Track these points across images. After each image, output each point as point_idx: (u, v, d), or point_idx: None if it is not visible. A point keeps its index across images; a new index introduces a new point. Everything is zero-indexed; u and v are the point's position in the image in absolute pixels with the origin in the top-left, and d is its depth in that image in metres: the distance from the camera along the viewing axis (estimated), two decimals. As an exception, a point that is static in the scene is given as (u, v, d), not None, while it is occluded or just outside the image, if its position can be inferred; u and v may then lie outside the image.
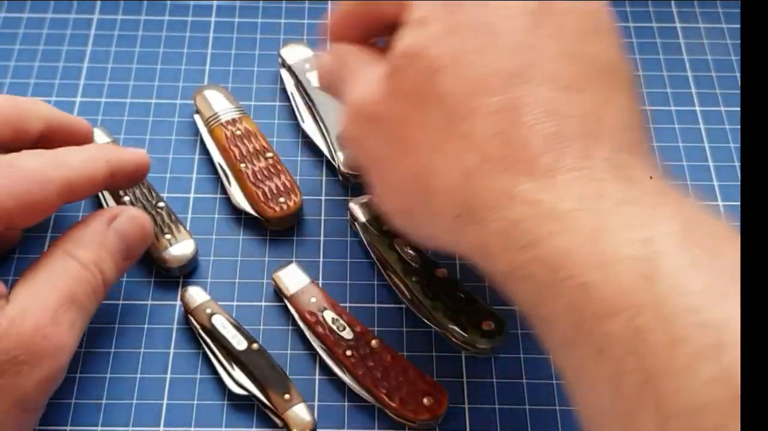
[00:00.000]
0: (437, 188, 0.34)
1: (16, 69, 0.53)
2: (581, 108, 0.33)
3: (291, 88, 0.51)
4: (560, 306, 0.30)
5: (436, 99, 0.34)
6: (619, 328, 0.28)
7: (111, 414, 0.41)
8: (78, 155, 0.40)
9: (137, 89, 0.52)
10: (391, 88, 0.35)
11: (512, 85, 0.33)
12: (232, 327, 0.42)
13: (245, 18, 0.56)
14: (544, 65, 0.33)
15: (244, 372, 0.41)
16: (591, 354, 0.29)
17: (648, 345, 0.27)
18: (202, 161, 0.49)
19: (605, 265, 0.29)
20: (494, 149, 0.32)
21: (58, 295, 0.37)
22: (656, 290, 0.27)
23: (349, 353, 0.41)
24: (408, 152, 0.35)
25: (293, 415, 0.40)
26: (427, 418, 0.40)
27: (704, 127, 0.51)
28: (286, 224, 0.47)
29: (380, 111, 0.36)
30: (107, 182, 0.41)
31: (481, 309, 0.42)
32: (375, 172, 0.38)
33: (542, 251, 0.30)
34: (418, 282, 0.43)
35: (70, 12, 0.56)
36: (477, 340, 0.42)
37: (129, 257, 0.41)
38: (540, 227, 0.30)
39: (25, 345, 0.35)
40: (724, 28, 0.56)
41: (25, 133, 0.42)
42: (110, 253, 0.39)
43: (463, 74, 0.33)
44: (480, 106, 0.33)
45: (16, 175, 0.37)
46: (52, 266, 0.38)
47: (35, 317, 0.35)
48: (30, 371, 0.35)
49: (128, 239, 0.40)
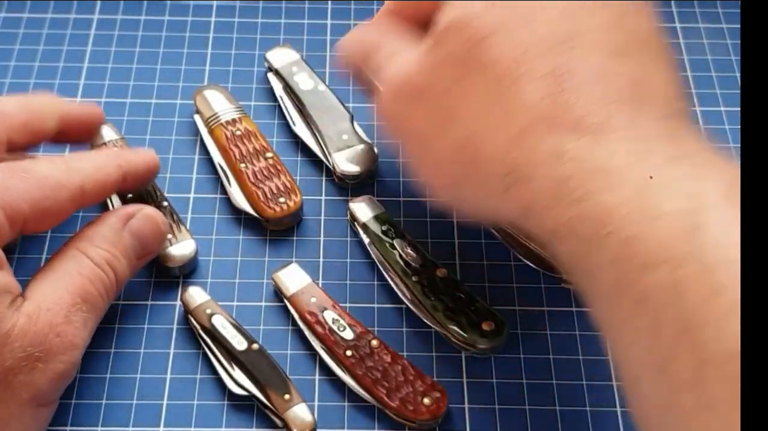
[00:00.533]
0: (485, 154, 0.34)
1: (16, 69, 0.53)
2: (629, 73, 0.33)
3: (279, 92, 0.51)
4: (604, 260, 0.30)
5: (482, 67, 0.34)
6: (660, 279, 0.28)
7: (111, 414, 0.41)
8: (90, 162, 0.41)
9: (137, 89, 0.52)
10: (436, 59, 0.36)
11: (560, 51, 0.33)
12: (232, 327, 0.42)
13: (245, 18, 0.56)
14: (590, 32, 0.34)
15: (244, 372, 0.41)
16: (631, 305, 0.29)
17: (688, 295, 0.27)
18: (202, 161, 0.49)
19: (651, 218, 0.29)
20: (543, 110, 0.33)
21: (71, 293, 0.37)
22: (699, 242, 0.28)
23: (349, 353, 0.41)
24: (454, 121, 0.35)
25: (293, 415, 0.40)
26: (427, 418, 0.40)
27: (704, 127, 0.51)
28: (286, 224, 0.47)
29: (424, 83, 0.36)
30: (119, 186, 0.42)
31: (481, 309, 0.42)
32: (418, 147, 0.38)
33: (589, 206, 0.31)
34: (418, 282, 0.43)
35: (70, 12, 0.56)
36: (477, 340, 0.42)
37: (143, 255, 0.41)
38: (587, 182, 0.31)
39: (40, 343, 0.36)
40: (724, 28, 0.56)
41: (41, 134, 0.43)
42: (124, 251, 0.40)
43: (509, 42, 0.34)
44: (528, 71, 0.33)
45: (30, 181, 0.38)
46: (66, 265, 0.38)
47: (50, 315, 0.36)
48: (44, 368, 0.36)
49: (143, 238, 0.41)
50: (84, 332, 0.38)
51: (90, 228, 0.40)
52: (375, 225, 0.45)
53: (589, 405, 0.41)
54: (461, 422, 0.41)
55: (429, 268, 0.44)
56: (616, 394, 0.42)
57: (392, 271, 0.44)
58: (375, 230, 0.45)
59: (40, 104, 0.43)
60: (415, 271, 0.44)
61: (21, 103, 0.43)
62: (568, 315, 0.44)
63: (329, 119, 0.49)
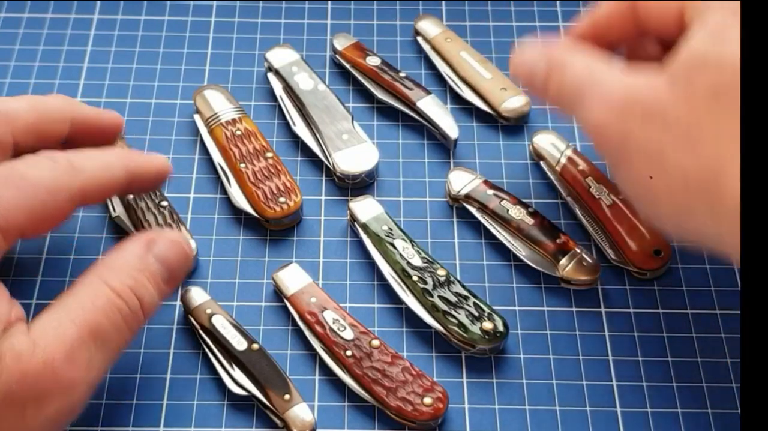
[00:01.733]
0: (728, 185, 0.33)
1: (16, 69, 0.53)
2: None
3: (279, 92, 0.51)
4: None
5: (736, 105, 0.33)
6: None
7: (111, 414, 0.41)
8: (95, 161, 0.39)
9: (137, 89, 0.52)
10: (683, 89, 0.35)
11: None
12: (232, 327, 0.42)
13: (245, 18, 0.56)
14: None
15: (244, 372, 0.41)
16: None
17: None
18: (202, 161, 0.49)
19: None
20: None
21: (78, 328, 0.34)
22: None
23: (349, 353, 0.41)
24: (696, 146, 0.34)
25: (293, 415, 0.40)
26: (427, 418, 0.40)
27: (704, 127, 0.51)
28: (286, 224, 0.47)
29: (665, 107, 0.35)
30: (123, 190, 0.40)
31: (481, 309, 0.42)
32: (644, 167, 0.37)
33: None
34: (418, 282, 0.43)
35: (70, 12, 0.56)
36: (477, 340, 0.42)
37: (171, 282, 0.39)
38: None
39: (29, 383, 0.33)
40: (724, 28, 0.56)
41: (51, 137, 0.41)
42: (151, 277, 0.37)
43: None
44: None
45: (26, 188, 0.36)
46: (80, 293, 0.36)
47: (46, 352, 0.33)
48: (35, 412, 0.33)
49: (169, 264, 0.38)
50: (89, 371, 0.34)
51: (111, 256, 0.37)
52: (375, 225, 0.45)
53: (589, 405, 0.41)
54: (461, 422, 0.41)
55: (429, 268, 0.44)
56: (616, 394, 0.42)
57: (392, 271, 0.44)
58: (375, 230, 0.45)
59: (51, 105, 0.42)
60: (415, 271, 0.44)
61: (31, 104, 0.41)
62: (568, 315, 0.44)
63: (329, 119, 0.49)
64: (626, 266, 0.45)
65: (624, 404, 0.41)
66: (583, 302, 0.45)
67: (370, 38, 0.55)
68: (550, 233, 0.45)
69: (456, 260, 0.46)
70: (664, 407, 0.41)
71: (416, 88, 0.51)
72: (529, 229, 0.45)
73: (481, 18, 0.56)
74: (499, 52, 0.55)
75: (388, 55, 0.54)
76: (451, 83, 0.52)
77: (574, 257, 0.44)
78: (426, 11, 0.56)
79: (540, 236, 0.45)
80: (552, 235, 0.45)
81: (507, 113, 0.50)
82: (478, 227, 0.47)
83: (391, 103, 0.51)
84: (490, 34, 0.55)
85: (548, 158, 0.48)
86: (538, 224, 0.45)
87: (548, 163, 0.48)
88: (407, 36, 0.55)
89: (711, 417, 0.41)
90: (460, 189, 0.47)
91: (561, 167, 0.48)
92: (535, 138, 0.49)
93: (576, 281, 0.44)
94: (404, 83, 0.51)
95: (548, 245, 0.44)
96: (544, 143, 0.49)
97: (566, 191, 0.47)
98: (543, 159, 0.49)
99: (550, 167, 0.48)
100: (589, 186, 0.47)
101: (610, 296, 0.45)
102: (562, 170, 0.48)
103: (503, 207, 0.46)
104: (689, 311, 0.44)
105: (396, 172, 0.49)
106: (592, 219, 0.46)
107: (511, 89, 0.51)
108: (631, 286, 0.45)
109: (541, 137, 0.49)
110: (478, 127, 0.51)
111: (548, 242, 0.45)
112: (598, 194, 0.46)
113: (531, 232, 0.45)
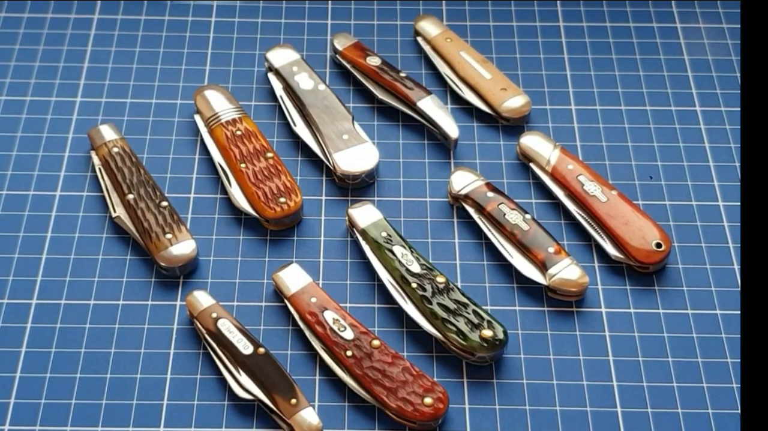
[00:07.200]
0: None
1: (16, 69, 0.53)
2: None
3: (280, 92, 0.51)
4: None
5: None
6: None
7: (111, 414, 0.41)
8: None
9: (137, 89, 0.52)
10: None
11: None
12: (238, 332, 0.42)
13: (245, 18, 0.56)
14: None
15: (250, 376, 0.41)
16: None
17: None
18: (202, 161, 0.49)
19: None
20: None
21: None
22: None
23: (349, 353, 0.41)
24: None
25: (300, 419, 0.39)
26: (427, 418, 0.40)
27: (704, 127, 0.51)
28: (286, 224, 0.47)
29: None
30: None
31: (481, 317, 0.42)
32: None
33: None
34: (417, 289, 0.43)
35: (70, 12, 0.56)
36: (476, 348, 0.41)
37: None
38: None
39: None
40: (724, 28, 0.56)
41: None
42: None
43: None
44: None
45: None
46: None
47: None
48: None
49: None
50: None
51: None
52: (374, 232, 0.45)
53: (589, 405, 0.41)
54: (461, 422, 0.41)
55: (428, 275, 0.44)
56: (616, 394, 0.42)
57: (391, 278, 0.44)
58: (374, 237, 0.45)
59: None
60: (414, 278, 0.43)
61: None
62: (569, 316, 0.44)
63: (329, 118, 0.49)
64: (627, 261, 0.45)
65: (624, 404, 0.41)
66: (583, 302, 0.45)
67: (370, 38, 0.55)
68: (542, 241, 0.45)
69: (456, 260, 0.46)
70: (664, 407, 0.41)
71: (416, 88, 0.51)
72: (523, 235, 0.45)
73: (481, 18, 0.56)
74: (499, 52, 0.55)
75: (389, 55, 0.54)
76: (451, 83, 0.52)
77: (563, 267, 0.44)
78: (426, 11, 0.56)
79: (532, 243, 0.45)
80: (544, 244, 0.44)
81: (507, 113, 0.50)
82: (479, 228, 0.47)
83: (392, 103, 0.51)
84: (490, 34, 0.55)
85: (537, 159, 0.48)
86: (532, 232, 0.45)
87: (538, 164, 0.48)
88: (407, 36, 0.55)
89: (711, 417, 0.41)
90: (461, 189, 0.47)
91: (551, 168, 0.48)
92: (522, 140, 0.49)
93: (561, 292, 0.44)
94: (404, 83, 0.51)
95: (538, 254, 0.44)
96: (531, 144, 0.48)
97: (560, 190, 0.47)
98: (532, 161, 0.48)
99: (541, 168, 0.48)
100: (582, 184, 0.47)
101: (610, 296, 0.45)
102: (553, 170, 0.47)
103: (500, 211, 0.46)
104: (689, 312, 0.44)
105: (396, 172, 0.49)
106: (590, 217, 0.46)
107: (511, 89, 0.51)
108: (631, 286, 0.45)
109: (528, 139, 0.49)
110: (478, 127, 0.51)
111: (539, 251, 0.44)
112: (593, 192, 0.46)
113: (524, 238, 0.45)
